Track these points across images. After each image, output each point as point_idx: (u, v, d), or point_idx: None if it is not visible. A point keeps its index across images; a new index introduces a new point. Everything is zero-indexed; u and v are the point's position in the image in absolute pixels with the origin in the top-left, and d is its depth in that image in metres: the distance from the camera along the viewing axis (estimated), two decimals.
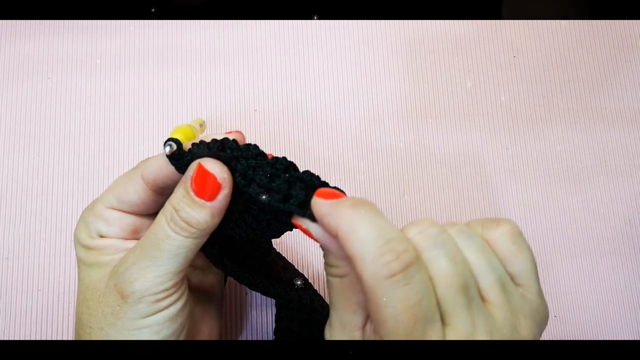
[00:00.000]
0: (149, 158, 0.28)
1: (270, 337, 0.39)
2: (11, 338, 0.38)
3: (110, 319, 0.26)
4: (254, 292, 0.40)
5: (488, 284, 0.23)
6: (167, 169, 0.27)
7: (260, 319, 0.39)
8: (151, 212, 0.29)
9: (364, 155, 0.43)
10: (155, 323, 0.26)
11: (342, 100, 0.44)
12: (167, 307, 0.26)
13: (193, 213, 0.25)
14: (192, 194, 0.25)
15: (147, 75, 0.43)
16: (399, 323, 0.21)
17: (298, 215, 0.24)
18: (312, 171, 0.25)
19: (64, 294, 0.39)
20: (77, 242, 0.28)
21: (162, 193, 0.28)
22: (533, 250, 0.42)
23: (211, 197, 0.25)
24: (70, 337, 0.38)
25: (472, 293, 0.22)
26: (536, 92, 0.45)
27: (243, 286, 0.40)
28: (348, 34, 0.45)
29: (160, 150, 0.42)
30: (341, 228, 0.22)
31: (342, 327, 0.25)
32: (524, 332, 0.23)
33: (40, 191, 0.41)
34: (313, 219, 0.24)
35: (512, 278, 0.24)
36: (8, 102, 0.43)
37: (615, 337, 0.40)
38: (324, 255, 0.25)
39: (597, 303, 0.41)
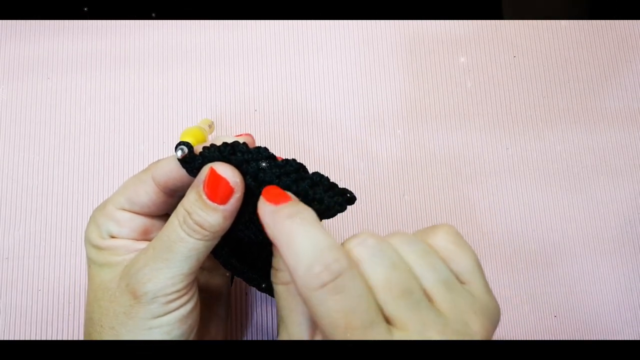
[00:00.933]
0: (159, 160, 0.28)
1: (273, 337, 0.39)
2: (11, 338, 0.38)
3: (121, 319, 0.26)
4: (255, 293, 0.40)
5: (432, 284, 0.24)
6: (178, 172, 0.27)
7: (262, 318, 0.39)
8: (161, 214, 0.29)
9: (364, 155, 0.43)
10: (166, 323, 0.26)
11: (342, 100, 0.44)
12: (178, 308, 0.26)
13: (206, 216, 0.25)
14: (204, 197, 0.25)
15: (147, 75, 0.43)
16: (336, 330, 0.21)
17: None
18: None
19: (64, 294, 0.39)
20: (88, 242, 0.28)
21: (173, 195, 0.28)
22: (533, 250, 0.42)
23: (223, 201, 0.25)
24: (70, 337, 0.38)
25: (416, 296, 0.23)
26: (536, 92, 0.45)
27: (244, 287, 0.40)
28: (348, 34, 0.45)
29: (161, 150, 0.42)
30: (278, 240, 0.22)
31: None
32: (475, 328, 0.23)
33: (40, 191, 0.41)
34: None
35: (457, 277, 0.25)
36: (8, 102, 0.43)
37: (615, 337, 0.40)
38: (273, 258, 0.25)
39: (597, 303, 0.41)
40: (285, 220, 0.22)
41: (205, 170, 0.25)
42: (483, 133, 0.44)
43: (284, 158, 0.26)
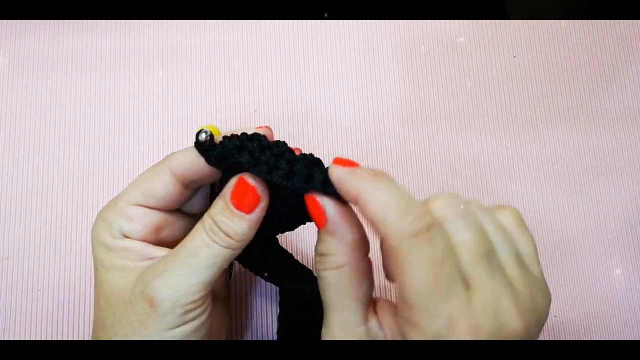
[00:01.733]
0: (176, 152, 0.28)
1: (271, 337, 0.39)
2: (11, 338, 0.38)
3: (136, 327, 0.25)
4: (255, 293, 0.40)
5: (506, 256, 0.24)
6: (196, 161, 0.27)
7: (262, 318, 0.39)
8: (175, 207, 0.29)
9: (364, 155, 0.43)
10: (181, 334, 0.26)
11: (342, 101, 0.44)
12: (193, 319, 0.26)
13: (232, 225, 0.26)
14: (231, 206, 0.26)
15: (147, 75, 0.43)
16: (423, 282, 0.21)
17: (320, 193, 0.25)
18: None
19: (64, 294, 0.39)
20: (98, 241, 0.28)
21: (190, 187, 0.28)
22: None
23: (250, 209, 0.26)
24: (70, 337, 0.38)
25: (495, 262, 0.23)
26: (536, 92, 0.45)
27: (244, 287, 0.40)
28: (348, 35, 0.45)
29: (161, 150, 0.42)
30: (363, 193, 0.23)
31: (343, 327, 0.25)
32: (540, 304, 0.24)
33: (40, 191, 0.41)
34: (335, 197, 0.25)
35: None
36: (8, 101, 0.43)
37: (615, 337, 0.40)
38: (319, 245, 0.25)
39: (597, 303, 0.41)
40: (370, 177, 0.23)
41: (233, 181, 0.26)
42: (483, 133, 0.44)
43: (302, 152, 0.26)
